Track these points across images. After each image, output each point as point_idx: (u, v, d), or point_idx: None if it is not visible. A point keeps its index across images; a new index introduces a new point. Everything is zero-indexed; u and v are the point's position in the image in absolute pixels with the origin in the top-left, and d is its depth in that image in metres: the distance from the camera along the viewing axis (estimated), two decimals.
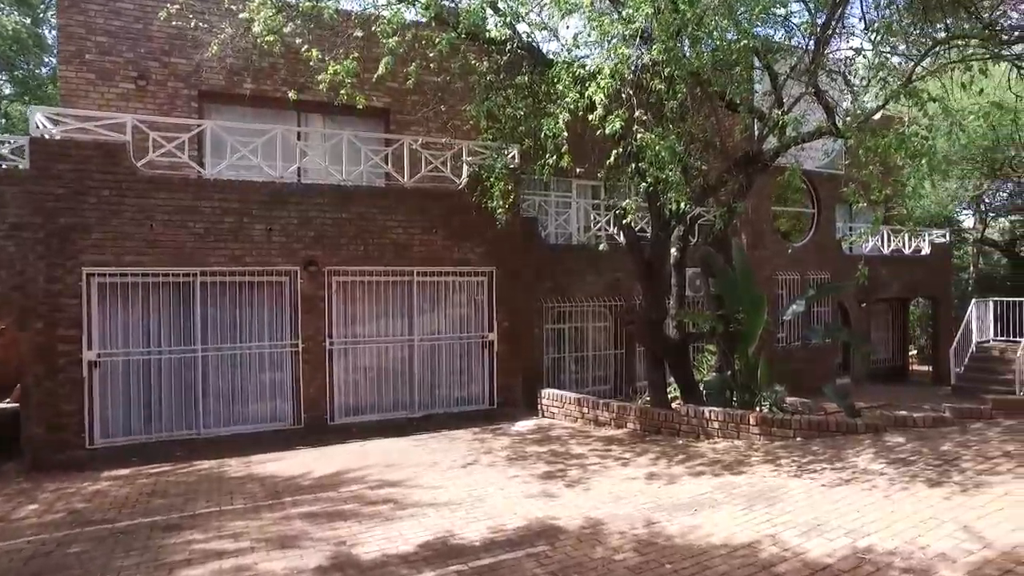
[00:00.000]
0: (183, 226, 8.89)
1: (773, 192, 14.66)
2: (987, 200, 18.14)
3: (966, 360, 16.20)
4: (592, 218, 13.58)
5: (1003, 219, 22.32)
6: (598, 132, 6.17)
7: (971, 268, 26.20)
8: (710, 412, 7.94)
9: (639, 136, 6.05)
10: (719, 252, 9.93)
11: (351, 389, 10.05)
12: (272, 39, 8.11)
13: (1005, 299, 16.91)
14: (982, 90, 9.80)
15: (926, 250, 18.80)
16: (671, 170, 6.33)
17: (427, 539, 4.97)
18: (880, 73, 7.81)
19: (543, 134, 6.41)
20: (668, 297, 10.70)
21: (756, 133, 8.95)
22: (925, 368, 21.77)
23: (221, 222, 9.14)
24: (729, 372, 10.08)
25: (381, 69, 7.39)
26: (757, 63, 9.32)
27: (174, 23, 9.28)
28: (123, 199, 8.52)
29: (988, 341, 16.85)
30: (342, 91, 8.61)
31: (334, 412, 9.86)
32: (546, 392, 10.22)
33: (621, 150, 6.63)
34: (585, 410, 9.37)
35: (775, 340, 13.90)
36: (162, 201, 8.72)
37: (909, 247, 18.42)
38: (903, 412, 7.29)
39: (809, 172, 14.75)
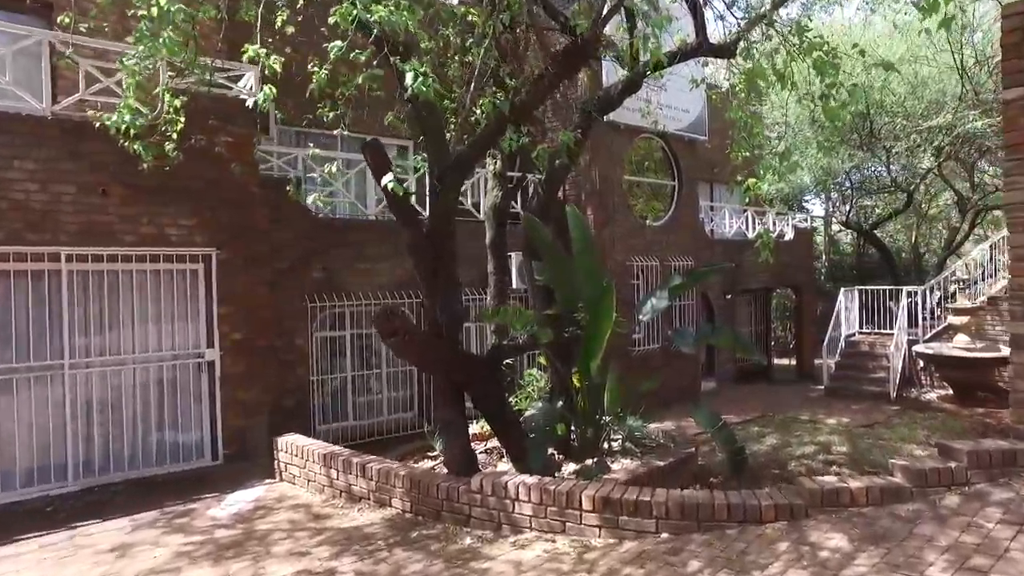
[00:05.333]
0: None
1: (627, 160, 11.84)
2: (851, 179, 16.66)
3: (837, 356, 14.36)
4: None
5: (855, 203, 21.28)
6: None
7: (823, 257, 25.44)
8: (517, 488, 4.63)
9: None
10: (547, 223, 6.72)
11: None
12: None
13: (872, 287, 15.34)
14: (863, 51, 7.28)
15: (790, 235, 17.00)
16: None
17: None
18: None
19: None
20: (485, 290, 7.45)
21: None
22: (786, 361, 20.36)
23: None
24: (563, 399, 6.91)
25: None
26: None
27: None
28: None
29: (854, 334, 15.19)
30: None
31: None
32: (285, 442, 6.56)
33: None
34: (334, 474, 5.81)
35: (630, 344, 11.05)
36: None
37: (774, 231, 16.47)
38: (830, 478, 4.36)
39: (669, 136, 12.08)
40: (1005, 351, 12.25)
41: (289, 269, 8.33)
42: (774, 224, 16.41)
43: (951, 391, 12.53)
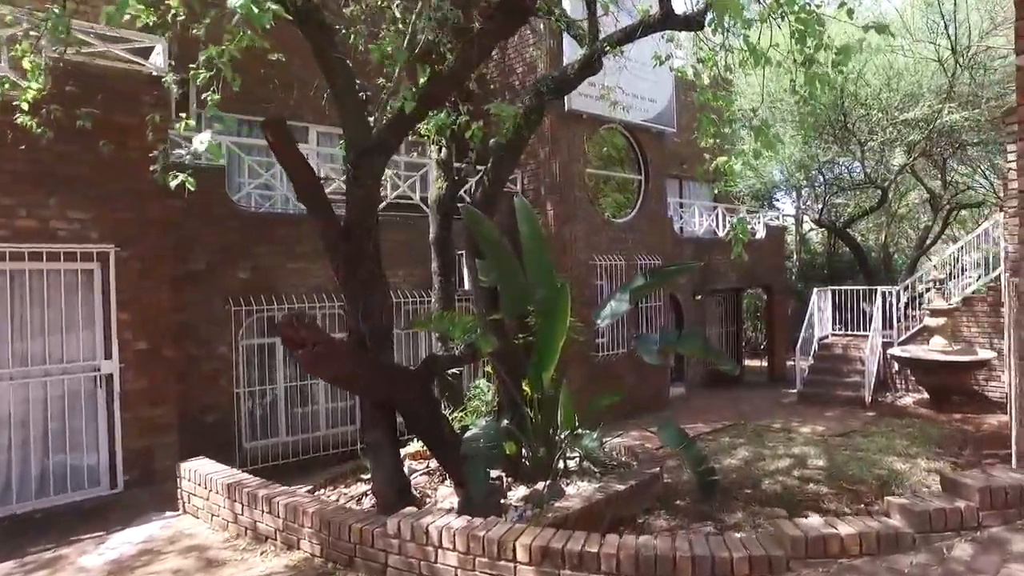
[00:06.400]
0: None
1: (591, 152, 11.11)
2: (823, 175, 16.14)
3: (810, 359, 13.80)
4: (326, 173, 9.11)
5: (827, 201, 20.86)
6: None
7: (794, 256, 25.05)
8: (440, 533, 3.84)
9: None
10: (492, 216, 5.93)
11: None
12: None
13: (846, 287, 14.84)
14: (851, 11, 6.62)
15: (761, 234, 16.47)
16: None
17: None
18: None
19: None
20: (429, 291, 6.66)
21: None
22: (757, 363, 19.91)
23: None
24: (512, 414, 6.14)
25: None
26: None
27: None
28: None
29: (827, 336, 14.67)
30: None
31: None
32: (188, 468, 5.67)
33: None
34: (239, 508, 4.96)
35: (593, 350, 10.33)
36: None
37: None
38: (815, 522, 3.60)
39: (634, 127, 11.39)
40: (982, 354, 11.80)
41: (209, 269, 7.46)
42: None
43: (927, 395, 12.04)
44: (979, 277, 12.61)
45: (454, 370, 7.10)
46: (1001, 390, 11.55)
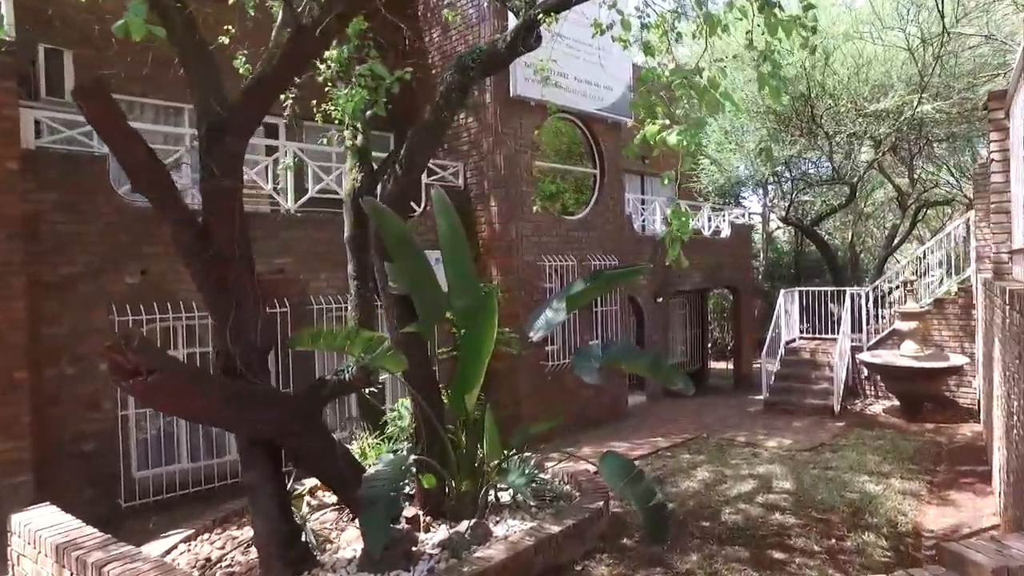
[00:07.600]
0: None
1: (544, 143, 10.23)
2: (791, 170, 15.52)
3: (777, 364, 13.12)
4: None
5: (795, 198, 20.33)
6: None
7: (761, 255, 24.56)
8: None
9: None
10: (403, 211, 5.01)
11: None
12: None
13: (814, 288, 14.22)
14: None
15: (726, 232, 15.79)
16: None
17: None
18: None
19: None
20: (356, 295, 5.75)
21: None
22: (723, 365, 19.32)
23: None
24: (427, 443, 5.23)
25: None
26: None
27: None
28: None
29: (795, 340, 14.03)
30: None
31: None
32: (18, 522, 4.61)
33: None
34: (68, 573, 3.96)
35: (544, 358, 9.46)
36: None
37: (709, 228, 15.18)
38: None
39: (587, 116, 10.56)
40: (954, 359, 11.20)
41: (89, 274, 6.41)
42: (709, 220, 15.11)
43: (897, 403, 11.44)
44: (948, 272, 12.08)
45: (372, 389, 6.17)
46: (972, 396, 11.01)
